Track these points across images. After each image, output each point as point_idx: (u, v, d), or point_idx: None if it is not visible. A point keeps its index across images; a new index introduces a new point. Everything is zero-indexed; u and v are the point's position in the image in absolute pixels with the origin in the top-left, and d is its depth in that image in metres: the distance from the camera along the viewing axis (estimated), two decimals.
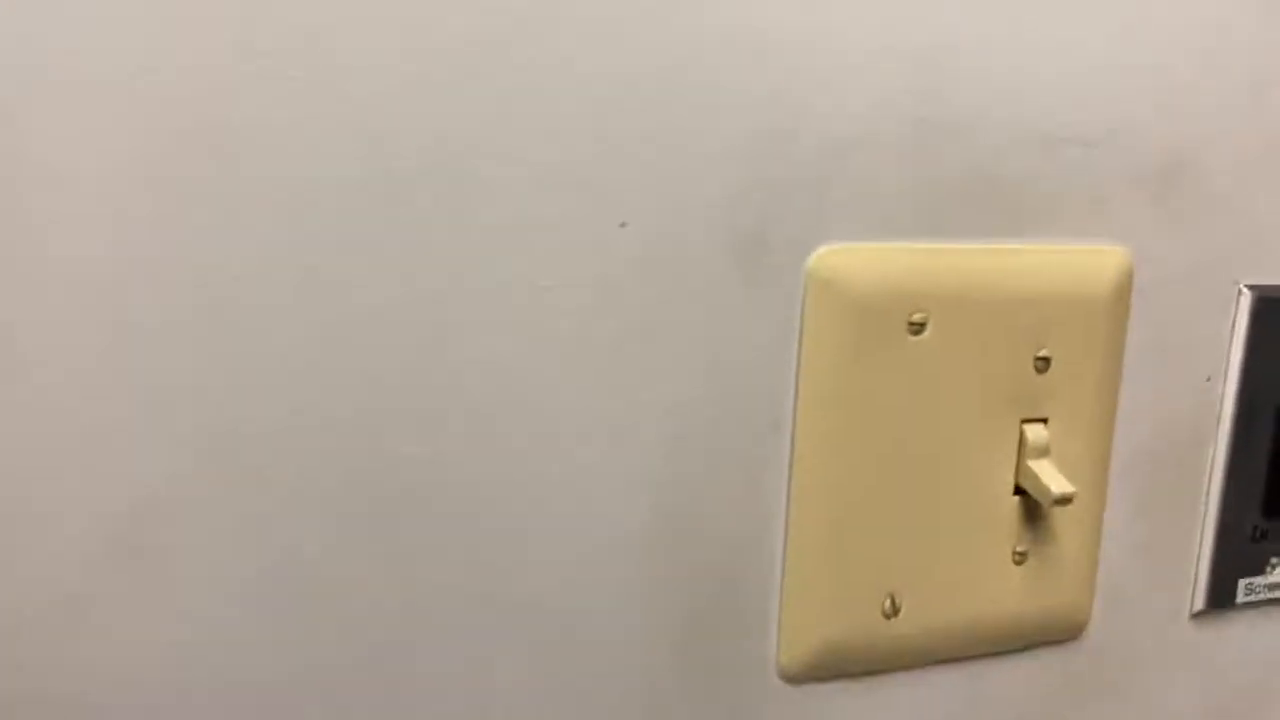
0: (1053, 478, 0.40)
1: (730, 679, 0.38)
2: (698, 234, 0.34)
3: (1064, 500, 0.39)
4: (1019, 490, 0.41)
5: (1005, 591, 0.42)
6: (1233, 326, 0.45)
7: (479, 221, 0.31)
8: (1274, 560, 0.48)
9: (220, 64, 0.28)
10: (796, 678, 0.39)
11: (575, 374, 0.33)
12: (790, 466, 0.38)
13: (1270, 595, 0.48)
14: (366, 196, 0.30)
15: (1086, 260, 0.41)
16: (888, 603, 0.39)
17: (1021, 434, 0.40)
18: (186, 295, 0.29)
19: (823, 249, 0.36)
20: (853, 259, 0.37)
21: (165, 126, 0.28)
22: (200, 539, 0.30)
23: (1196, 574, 0.47)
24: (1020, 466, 0.41)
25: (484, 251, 0.32)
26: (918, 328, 0.38)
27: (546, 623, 0.35)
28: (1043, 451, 0.40)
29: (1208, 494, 0.46)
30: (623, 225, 0.33)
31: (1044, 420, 0.41)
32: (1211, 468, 0.46)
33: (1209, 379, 0.45)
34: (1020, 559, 0.42)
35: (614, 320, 0.34)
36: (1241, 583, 0.48)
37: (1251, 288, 0.45)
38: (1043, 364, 0.40)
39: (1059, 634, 0.44)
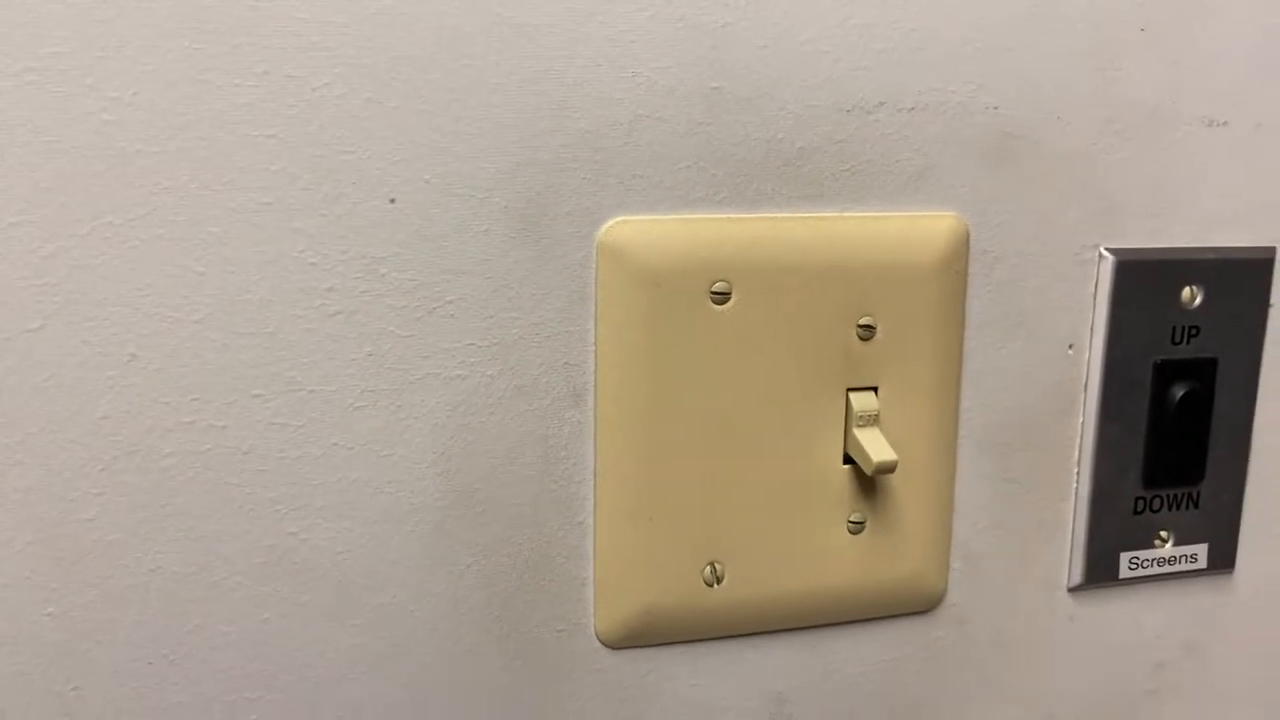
0: (875, 445, 0.40)
1: (548, 644, 0.39)
2: (469, 209, 0.35)
3: (885, 469, 0.39)
4: (852, 460, 0.41)
5: (841, 560, 0.42)
6: (1095, 292, 0.44)
7: (237, 202, 0.33)
8: (1163, 534, 0.47)
9: None
10: (617, 643, 0.40)
11: (347, 348, 0.35)
12: (595, 438, 0.38)
13: (1161, 570, 0.47)
14: (127, 186, 0.32)
15: (912, 226, 0.40)
16: (709, 570, 0.40)
17: (848, 402, 0.40)
18: None
19: (612, 221, 0.37)
20: (644, 230, 0.37)
21: None
22: None
23: (1072, 547, 0.46)
24: (848, 435, 0.40)
25: (247, 229, 0.33)
26: (721, 297, 0.38)
27: (336, 590, 0.36)
28: (870, 420, 0.40)
29: (1079, 465, 0.45)
30: (392, 201, 0.34)
31: (874, 389, 0.40)
32: (1081, 438, 0.45)
33: (1071, 347, 0.44)
34: (857, 528, 0.41)
35: (388, 296, 0.35)
36: (1124, 556, 0.46)
37: (1113, 251, 0.43)
38: (866, 332, 0.40)
39: (910, 605, 0.44)
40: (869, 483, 0.41)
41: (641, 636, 0.40)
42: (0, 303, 0.32)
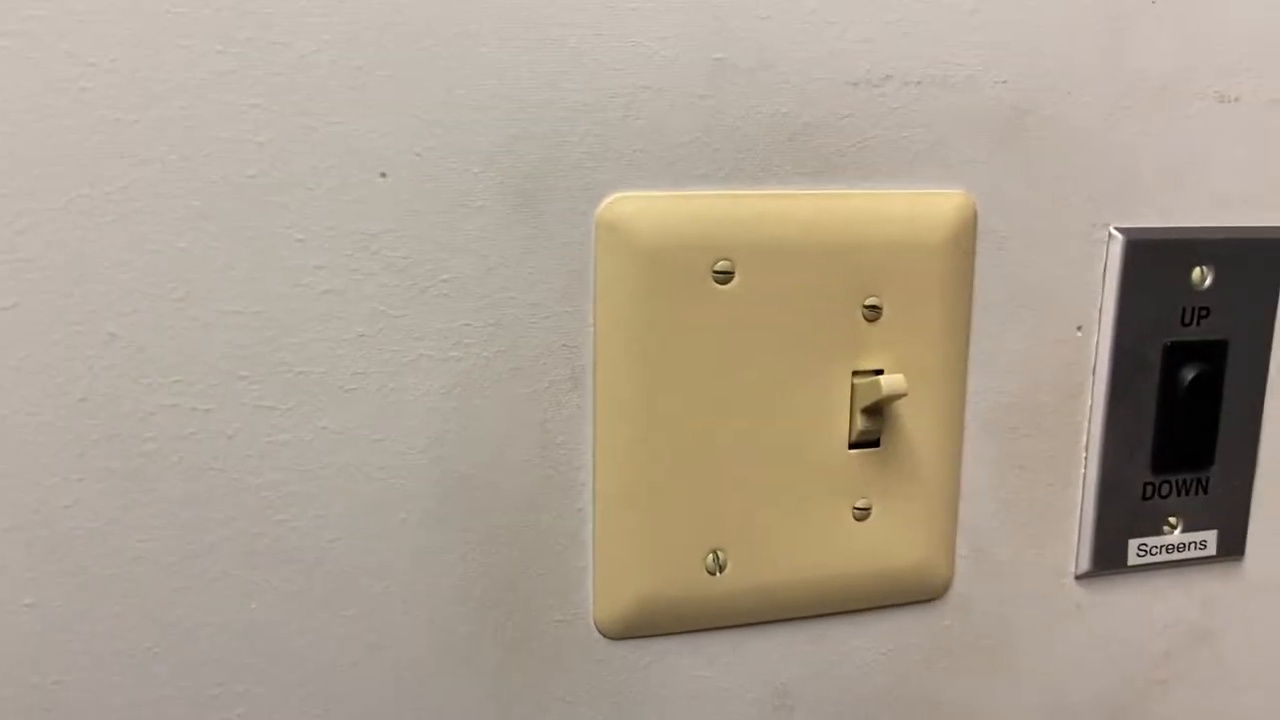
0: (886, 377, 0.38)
1: (546, 634, 0.38)
2: (464, 184, 0.34)
3: (896, 394, 0.37)
4: (858, 444, 0.40)
5: (847, 548, 0.40)
6: (1104, 273, 0.43)
7: (220, 174, 0.32)
8: (1172, 520, 0.46)
9: None
10: (617, 634, 0.39)
11: (336, 329, 0.33)
12: (594, 422, 0.37)
13: (1170, 557, 0.46)
14: (105, 157, 0.31)
15: (918, 204, 0.39)
16: (711, 558, 0.39)
17: (853, 386, 0.39)
18: None
19: (612, 197, 0.36)
20: (645, 206, 0.36)
21: None
22: None
23: (1080, 534, 0.45)
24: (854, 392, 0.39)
25: (230, 205, 0.32)
26: (724, 276, 0.37)
27: (326, 579, 0.35)
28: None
29: (1087, 449, 0.44)
30: (383, 176, 0.33)
31: (880, 371, 0.39)
32: (1090, 422, 0.44)
33: (1080, 329, 0.43)
34: (862, 515, 0.40)
35: (379, 274, 0.34)
36: (1133, 543, 0.45)
37: (1123, 230, 0.42)
38: (872, 312, 0.39)
39: (916, 594, 0.43)
40: (874, 468, 0.40)
41: (642, 626, 0.39)
42: None
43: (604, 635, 0.39)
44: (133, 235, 0.31)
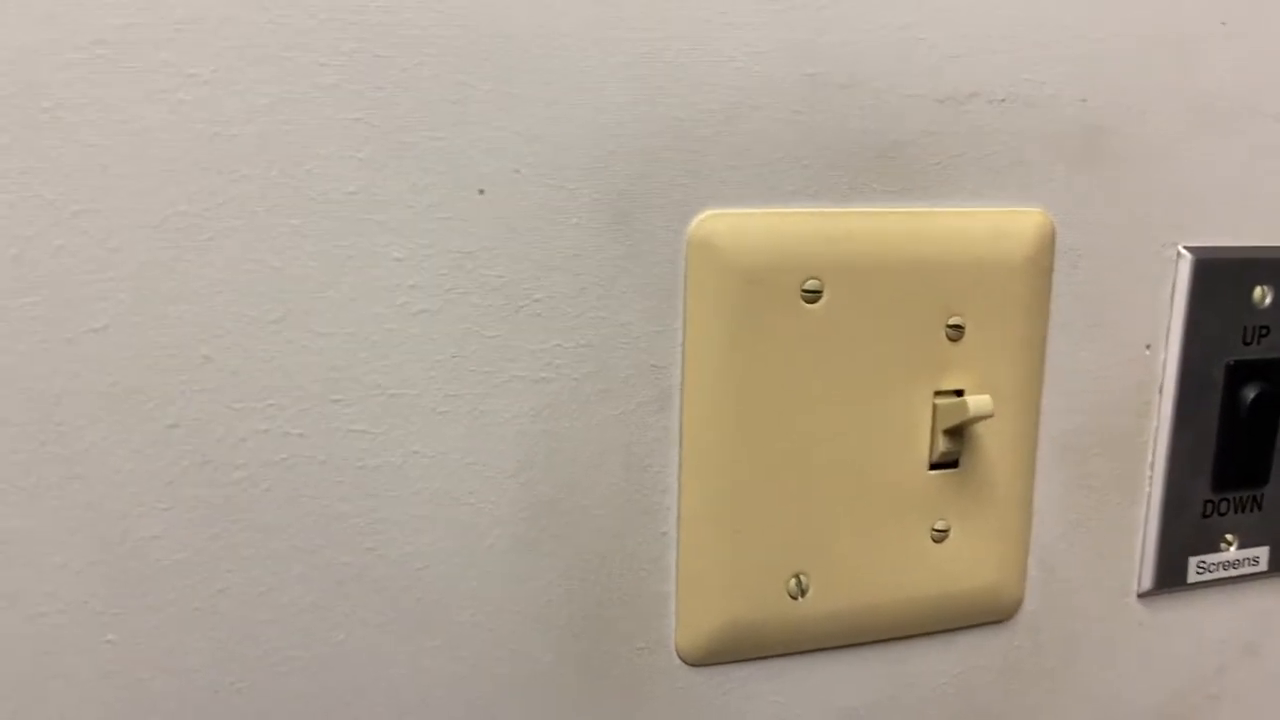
0: (972, 398, 0.38)
1: (627, 663, 0.37)
2: (561, 201, 0.33)
3: (983, 414, 0.37)
4: (938, 465, 0.39)
5: (925, 570, 0.40)
6: (1172, 292, 0.43)
7: (319, 191, 0.30)
8: (1229, 537, 0.46)
9: None
10: (698, 660, 0.38)
11: (429, 350, 0.32)
12: (680, 444, 0.36)
13: (1225, 574, 0.46)
14: (203, 173, 0.29)
15: (1001, 222, 0.39)
16: (794, 583, 0.38)
17: (934, 408, 0.39)
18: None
19: (704, 214, 0.35)
20: (737, 224, 0.35)
21: None
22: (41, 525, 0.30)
23: (1143, 553, 0.45)
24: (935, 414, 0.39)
25: (329, 224, 0.31)
26: (813, 295, 0.36)
27: (415, 608, 0.34)
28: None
29: (1152, 468, 0.44)
30: (481, 193, 0.32)
31: (959, 392, 0.39)
32: (1155, 441, 0.44)
33: (1149, 347, 0.43)
34: (940, 536, 0.40)
35: (474, 293, 0.33)
36: (1193, 561, 0.45)
37: (1191, 250, 0.42)
38: (955, 332, 0.38)
39: (989, 615, 0.42)
40: (953, 489, 0.40)
41: (723, 652, 0.38)
42: (62, 299, 0.29)
43: (685, 662, 0.38)
44: (229, 255, 0.30)
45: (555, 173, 0.33)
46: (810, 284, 0.36)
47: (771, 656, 0.39)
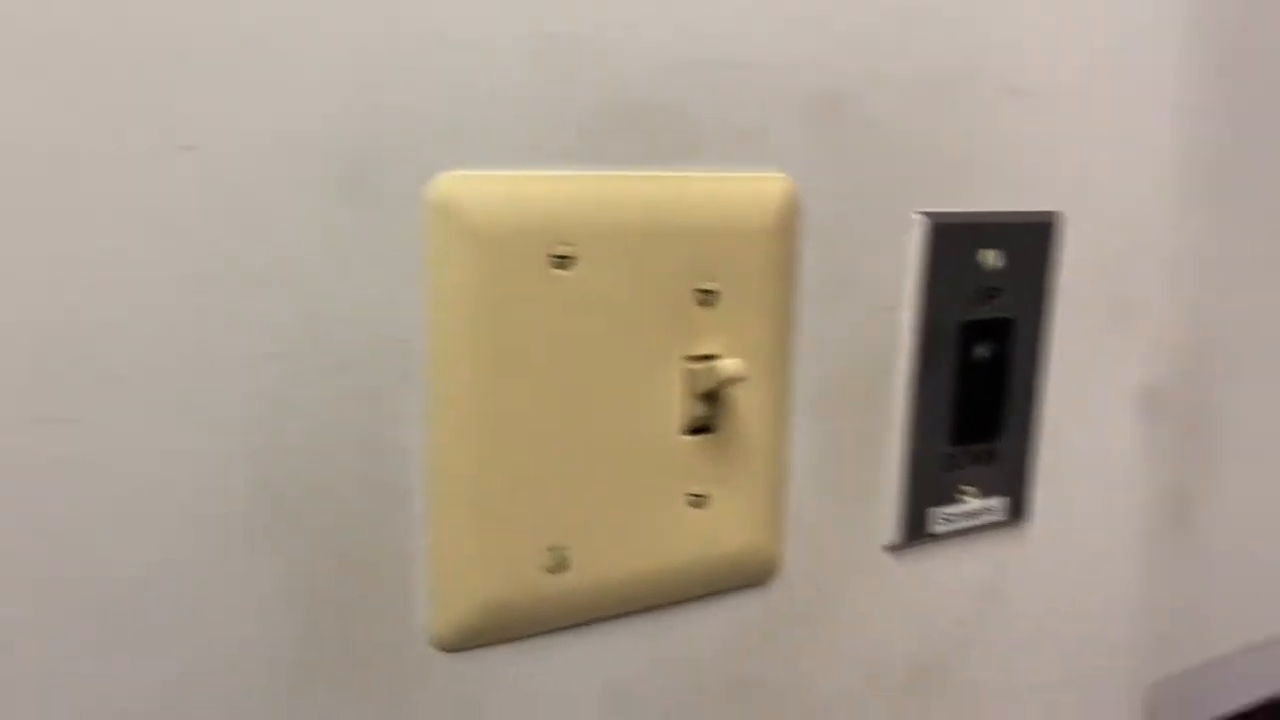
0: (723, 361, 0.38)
1: (377, 655, 0.35)
2: (279, 161, 0.30)
3: (736, 377, 0.37)
4: (694, 430, 0.39)
5: (684, 537, 0.40)
6: (909, 254, 0.44)
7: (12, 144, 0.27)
8: (967, 489, 0.48)
9: None
10: (454, 646, 0.36)
11: (133, 324, 0.29)
12: (426, 420, 0.34)
13: (967, 524, 0.49)
14: None
15: (747, 188, 0.39)
16: (550, 557, 0.37)
17: (689, 371, 0.38)
18: None
19: (442, 176, 0.33)
20: (479, 187, 0.34)
21: None
22: None
23: (890, 507, 0.46)
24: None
25: (10, 177, 0.27)
26: (563, 261, 0.35)
27: (131, 620, 0.30)
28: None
29: (896, 425, 0.46)
30: (188, 148, 0.29)
31: (712, 357, 0.39)
32: (898, 398, 0.45)
33: (890, 308, 0.44)
34: (698, 501, 0.40)
35: (181, 261, 0.29)
36: (935, 512, 0.47)
37: (926, 214, 0.44)
38: (707, 297, 0.38)
39: (749, 577, 0.43)
40: (708, 454, 0.40)
41: (480, 636, 0.37)
42: None
43: (442, 649, 0.36)
44: None
45: (276, 128, 0.30)
46: (560, 249, 0.35)
47: (533, 635, 0.38)
